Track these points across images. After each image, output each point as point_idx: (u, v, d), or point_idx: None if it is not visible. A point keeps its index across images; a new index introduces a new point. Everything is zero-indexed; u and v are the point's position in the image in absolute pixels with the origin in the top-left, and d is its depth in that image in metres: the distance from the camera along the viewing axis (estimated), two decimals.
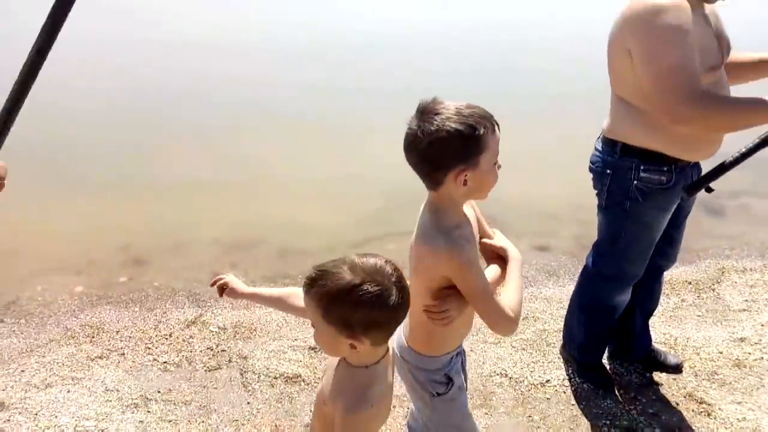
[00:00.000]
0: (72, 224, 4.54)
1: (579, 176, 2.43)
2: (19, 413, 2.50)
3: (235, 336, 3.24)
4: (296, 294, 1.46)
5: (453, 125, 1.28)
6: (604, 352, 2.78)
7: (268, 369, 2.88)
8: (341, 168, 5.51)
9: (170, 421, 2.50)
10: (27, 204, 4.79)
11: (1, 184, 1.64)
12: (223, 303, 3.67)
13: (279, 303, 1.56)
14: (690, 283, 3.79)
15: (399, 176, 5.66)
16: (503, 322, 1.40)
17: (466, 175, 1.34)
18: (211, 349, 3.10)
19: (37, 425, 2.41)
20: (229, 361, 2.99)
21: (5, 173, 1.64)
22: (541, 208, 4.97)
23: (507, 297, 1.42)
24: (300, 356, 3.00)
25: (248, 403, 2.64)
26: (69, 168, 5.50)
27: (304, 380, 2.80)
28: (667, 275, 3.80)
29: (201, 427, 2.48)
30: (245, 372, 2.87)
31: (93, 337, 3.23)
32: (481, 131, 1.30)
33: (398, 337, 1.61)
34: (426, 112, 1.33)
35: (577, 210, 4.65)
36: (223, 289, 1.60)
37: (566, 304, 3.00)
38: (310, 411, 2.57)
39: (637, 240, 2.31)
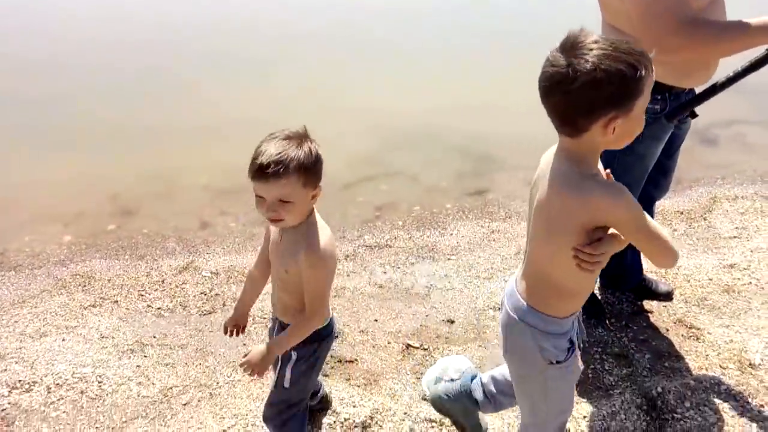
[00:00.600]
0: (58, 174, 4.44)
1: None
2: (16, 362, 2.51)
3: (228, 280, 3.24)
4: (253, 276, 1.87)
5: (613, 64, 1.10)
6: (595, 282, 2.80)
7: (262, 311, 2.88)
8: (332, 109, 5.37)
9: (167, 365, 2.52)
10: (13, 155, 4.68)
11: None
12: (215, 248, 3.65)
13: (257, 290, 1.90)
14: (682, 213, 3.79)
15: (392, 117, 5.57)
16: (672, 256, 1.31)
17: (617, 122, 1.17)
18: (205, 294, 3.09)
19: (34, 374, 2.42)
20: (223, 304, 2.99)
21: None
22: (537, 143, 4.90)
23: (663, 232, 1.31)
24: None
25: (244, 344, 2.65)
26: (55, 119, 5.33)
27: None
28: (659, 205, 3.81)
29: (198, 369, 2.50)
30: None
31: (85, 285, 3.21)
32: (642, 72, 1.12)
33: (516, 300, 1.48)
34: (576, 46, 1.14)
35: None
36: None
37: None
38: None
39: (629, 171, 2.27)
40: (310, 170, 1.42)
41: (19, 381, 2.38)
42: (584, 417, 2.11)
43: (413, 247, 3.55)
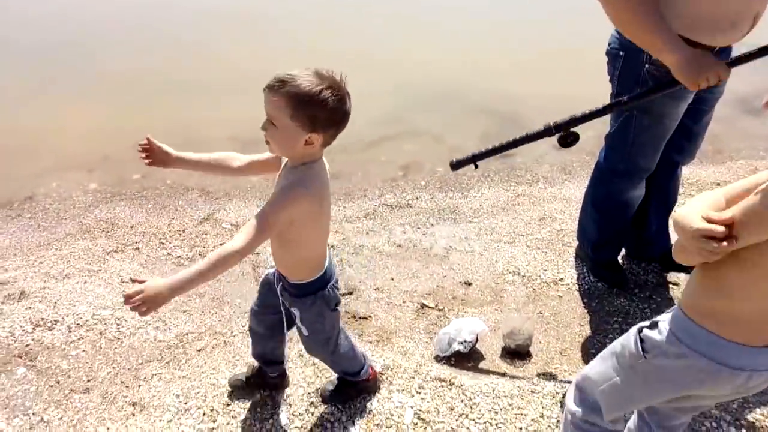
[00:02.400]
0: (85, 123, 4.48)
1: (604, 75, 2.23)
2: (40, 301, 2.57)
3: None
4: (232, 157, 1.62)
5: None
6: (618, 251, 2.71)
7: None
8: (356, 67, 5.25)
9: (185, 312, 2.55)
10: (42, 103, 4.73)
11: None
12: (236, 201, 3.65)
13: (214, 167, 1.64)
14: (719, 184, 3.62)
15: (417, 76, 5.43)
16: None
17: None
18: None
19: (56, 313, 2.48)
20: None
21: None
22: (563, 104, 4.72)
23: None
24: None
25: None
26: (82, 68, 5.36)
27: None
28: (694, 176, 3.66)
29: (215, 317, 2.53)
30: (257, 267, 2.88)
31: (108, 232, 3.26)
32: None
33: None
34: None
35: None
36: (149, 157, 1.58)
37: None
38: None
39: (648, 131, 2.15)
40: (301, 106, 1.29)
41: (42, 319, 2.44)
42: None
43: (434, 209, 3.49)
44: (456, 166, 2.29)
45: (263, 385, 2.03)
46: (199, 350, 2.32)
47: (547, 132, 2.11)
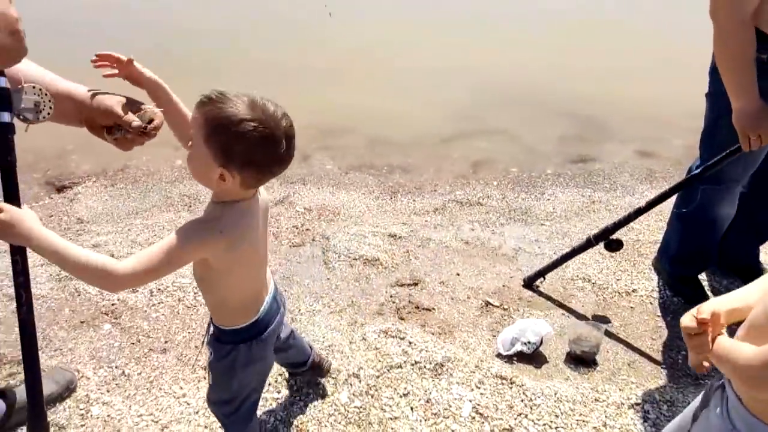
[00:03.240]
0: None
1: (701, 81, 2.13)
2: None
3: (319, 217, 3.33)
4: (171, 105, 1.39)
5: None
6: (701, 268, 2.58)
7: (348, 250, 2.95)
8: (438, 61, 5.26)
9: None
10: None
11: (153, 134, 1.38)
12: (310, 187, 3.75)
13: (175, 117, 1.41)
14: None
15: (496, 74, 5.37)
16: None
17: None
18: (297, 228, 3.21)
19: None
20: (313, 239, 3.09)
21: (161, 122, 1.41)
22: (651, 111, 4.54)
23: None
24: (380, 242, 3.04)
25: (328, 279, 2.74)
26: (170, 50, 5.66)
27: (382, 264, 2.85)
28: None
29: (285, 295, 2.61)
30: (327, 251, 2.96)
31: (190, 206, 3.45)
32: None
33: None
34: None
35: (692, 117, 4.19)
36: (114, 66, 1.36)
37: (666, 215, 2.78)
38: (386, 292, 2.63)
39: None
40: (216, 132, 1.11)
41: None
42: (667, 401, 1.99)
43: (505, 208, 3.45)
44: (528, 282, 2.68)
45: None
46: None
47: (588, 244, 2.45)
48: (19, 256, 1.17)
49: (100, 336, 2.29)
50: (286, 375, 2.07)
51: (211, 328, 1.41)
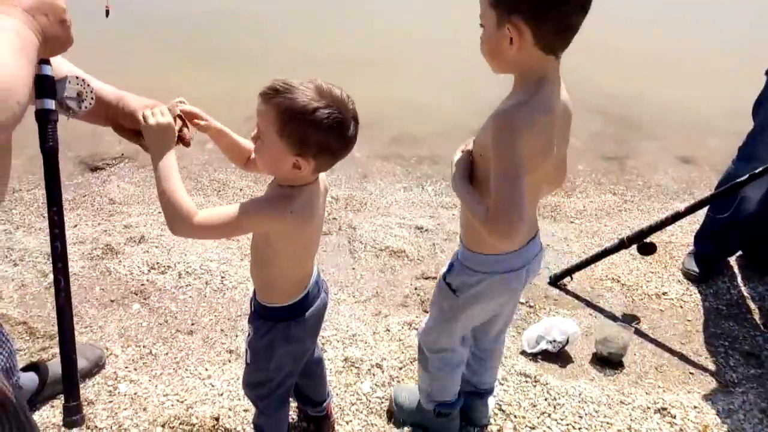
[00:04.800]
0: (200, 90, 4.77)
1: (740, 83, 2.07)
2: (156, 247, 2.81)
3: (346, 207, 3.34)
4: (249, 148, 1.38)
5: None
6: (720, 252, 2.67)
7: (374, 241, 2.95)
8: (471, 54, 5.19)
9: None
10: (162, 67, 5.11)
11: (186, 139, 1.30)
12: (338, 175, 3.75)
13: (232, 149, 1.42)
14: None
15: None
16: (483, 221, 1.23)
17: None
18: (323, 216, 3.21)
19: (169, 259, 2.69)
20: (339, 229, 3.10)
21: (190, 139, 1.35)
22: (687, 112, 4.42)
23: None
24: (406, 234, 3.03)
25: (353, 268, 2.74)
26: (200, 39, 5.71)
27: (407, 256, 2.84)
28: None
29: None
30: (353, 241, 2.97)
31: (219, 191, 3.48)
32: None
33: None
34: None
35: (729, 119, 4.06)
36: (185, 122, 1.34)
37: (701, 219, 2.72)
38: (411, 284, 2.63)
39: None
40: (292, 124, 1.11)
41: (157, 263, 2.67)
42: (695, 407, 1.94)
43: None
44: (554, 281, 2.64)
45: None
46: None
47: (621, 246, 2.42)
48: (59, 242, 1.19)
49: (129, 315, 2.33)
50: None
51: (253, 306, 1.43)
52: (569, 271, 2.62)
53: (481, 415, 1.86)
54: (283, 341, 1.40)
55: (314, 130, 1.12)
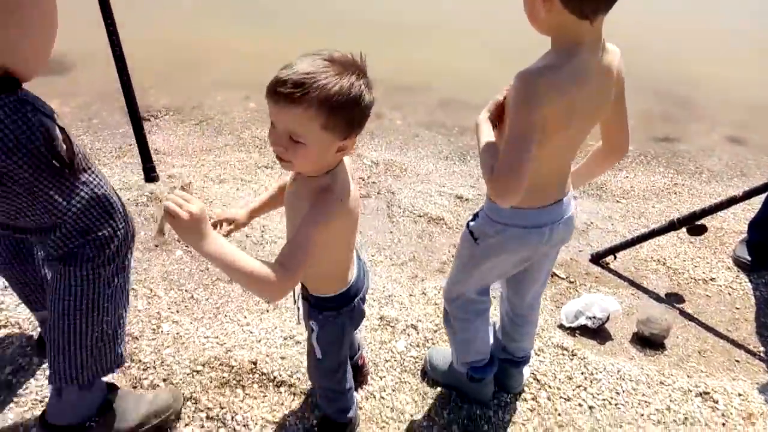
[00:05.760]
0: (251, 48, 4.78)
1: None
2: (198, 198, 2.83)
3: (386, 172, 3.31)
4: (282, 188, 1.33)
5: None
6: None
7: (413, 206, 2.92)
8: (522, 25, 5.03)
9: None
10: (214, 25, 5.11)
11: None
12: (378, 141, 3.72)
13: (275, 204, 1.43)
14: None
15: None
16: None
17: None
18: (363, 180, 3.20)
19: (210, 210, 2.72)
20: (378, 193, 3.08)
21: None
22: (742, 95, 4.21)
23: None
24: (446, 202, 3.00)
25: (391, 232, 2.73)
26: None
27: (446, 224, 2.81)
28: None
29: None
30: (392, 205, 2.95)
31: (261, 149, 3.49)
32: None
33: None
34: None
35: None
36: (227, 226, 1.42)
37: (757, 206, 2.60)
38: (448, 251, 2.60)
39: None
40: (337, 111, 1.01)
41: None
42: (739, 395, 1.88)
43: None
44: (596, 258, 2.57)
45: None
46: None
47: (671, 227, 2.37)
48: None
49: (172, 260, 2.37)
50: None
51: (311, 302, 1.35)
52: (613, 250, 2.55)
53: (515, 383, 1.84)
54: (350, 323, 1.39)
55: (358, 107, 1.04)
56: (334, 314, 1.34)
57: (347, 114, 1.03)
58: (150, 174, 1.90)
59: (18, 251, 1.57)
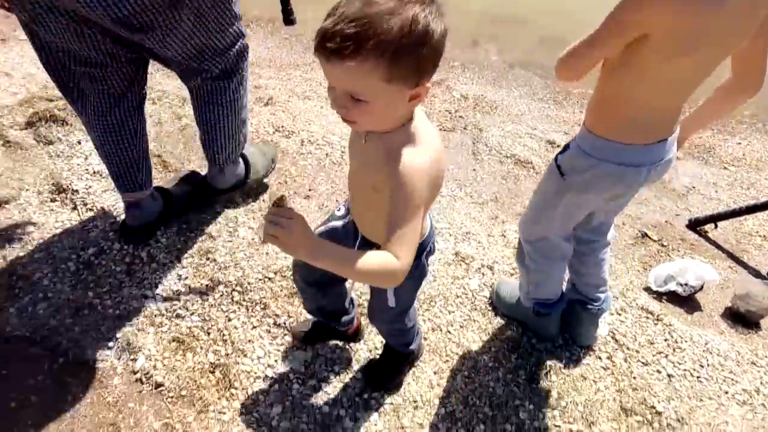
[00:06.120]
0: None
1: None
2: (282, 111, 2.81)
3: (474, 107, 3.15)
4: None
5: None
6: None
7: (501, 146, 2.77)
8: None
9: None
10: None
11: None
12: (469, 74, 3.53)
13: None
14: None
15: None
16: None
17: None
18: (449, 113, 3.06)
19: (294, 125, 2.69)
20: (464, 128, 2.94)
21: None
22: None
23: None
24: (535, 145, 2.83)
25: (474, 170, 2.61)
26: None
27: (534, 168, 2.65)
28: None
29: None
30: (477, 142, 2.81)
31: None
32: None
33: None
34: None
35: None
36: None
37: None
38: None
39: None
40: (400, 57, 0.82)
41: (282, 126, 2.68)
42: None
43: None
44: (694, 224, 2.38)
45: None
46: None
47: None
48: None
49: None
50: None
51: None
52: (714, 218, 2.33)
53: (585, 333, 1.74)
54: (423, 274, 1.29)
55: (426, 46, 0.84)
56: (416, 263, 1.21)
57: (414, 58, 0.84)
58: (289, 17, 1.92)
59: (121, 97, 1.70)
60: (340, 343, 1.69)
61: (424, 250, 1.25)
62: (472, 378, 1.64)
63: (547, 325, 1.73)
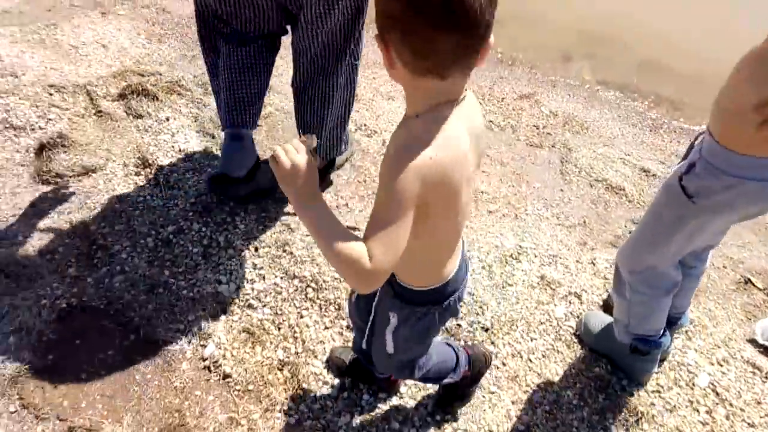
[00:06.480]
0: None
1: None
2: (366, 109, 2.76)
3: (564, 125, 2.99)
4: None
5: None
6: None
7: (591, 168, 2.61)
8: None
9: (484, 172, 2.49)
10: None
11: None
12: (559, 90, 3.38)
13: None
14: None
15: None
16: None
17: None
18: (537, 128, 2.92)
19: (377, 125, 2.63)
20: (552, 145, 2.79)
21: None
22: None
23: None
24: (629, 172, 2.65)
25: (561, 190, 2.47)
26: None
27: (626, 195, 2.48)
28: None
29: (511, 189, 2.42)
30: (566, 162, 2.66)
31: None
32: None
33: None
34: None
35: None
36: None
37: None
38: (625, 225, 2.30)
39: None
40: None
41: (364, 125, 2.62)
42: None
43: None
44: None
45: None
46: (490, 212, 2.26)
47: None
48: None
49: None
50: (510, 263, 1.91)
51: (394, 290, 1.08)
52: None
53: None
54: (440, 321, 1.12)
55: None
56: (423, 311, 1.08)
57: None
58: None
59: (256, 60, 1.83)
60: None
61: (437, 297, 1.06)
62: (554, 414, 1.51)
63: (644, 365, 1.57)
